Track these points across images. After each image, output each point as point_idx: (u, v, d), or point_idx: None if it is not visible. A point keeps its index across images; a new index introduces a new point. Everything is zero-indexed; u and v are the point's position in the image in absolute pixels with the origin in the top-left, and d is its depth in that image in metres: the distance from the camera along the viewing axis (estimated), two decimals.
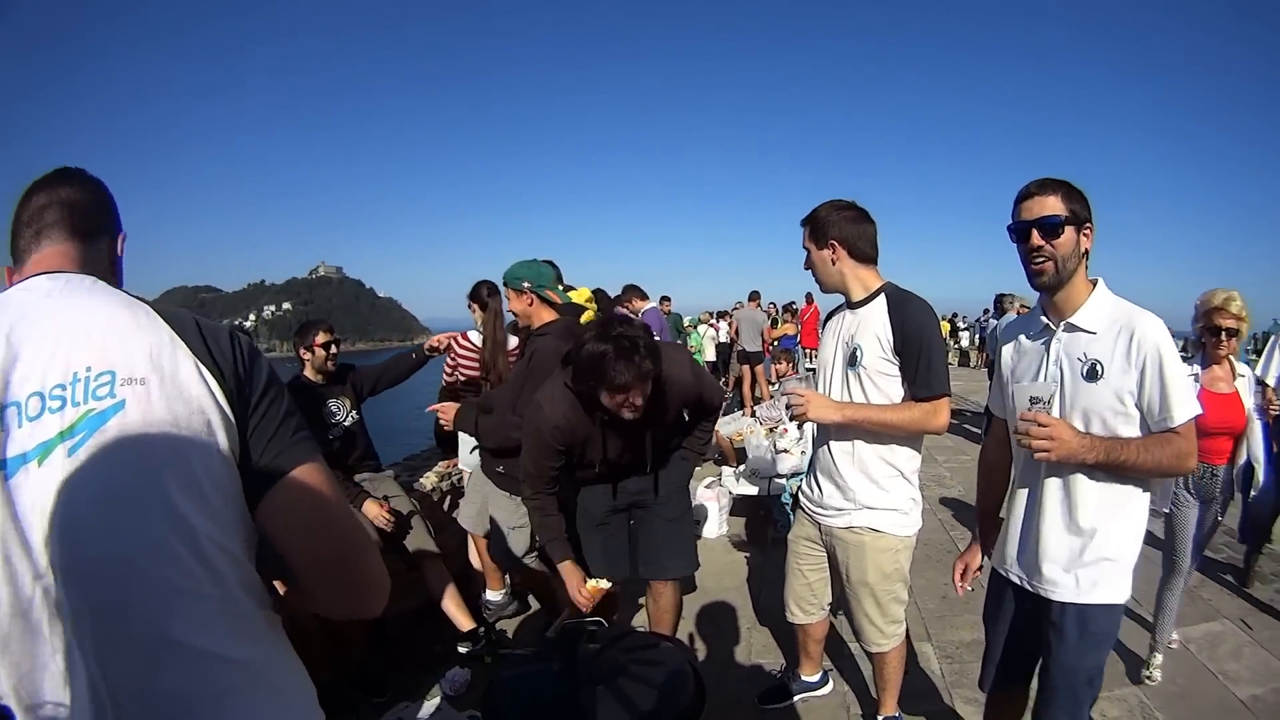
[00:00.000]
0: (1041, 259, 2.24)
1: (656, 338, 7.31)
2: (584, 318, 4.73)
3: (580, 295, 5.44)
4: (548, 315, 3.89)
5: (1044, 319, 2.37)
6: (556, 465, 3.14)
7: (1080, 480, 2.27)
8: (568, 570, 3.22)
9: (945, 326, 26.40)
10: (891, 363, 2.87)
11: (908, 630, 3.29)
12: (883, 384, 2.89)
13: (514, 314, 4.03)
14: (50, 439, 1.06)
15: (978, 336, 23.68)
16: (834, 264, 2.98)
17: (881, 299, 2.93)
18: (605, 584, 3.19)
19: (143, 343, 1.13)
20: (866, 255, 2.98)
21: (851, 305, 3.02)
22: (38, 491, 1.04)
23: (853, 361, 2.93)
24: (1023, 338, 2.48)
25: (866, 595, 3.08)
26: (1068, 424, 2.20)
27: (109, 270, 1.36)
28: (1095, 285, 2.31)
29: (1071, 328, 2.28)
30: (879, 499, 2.98)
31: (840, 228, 2.95)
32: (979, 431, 10.86)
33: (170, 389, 1.11)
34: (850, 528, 3.03)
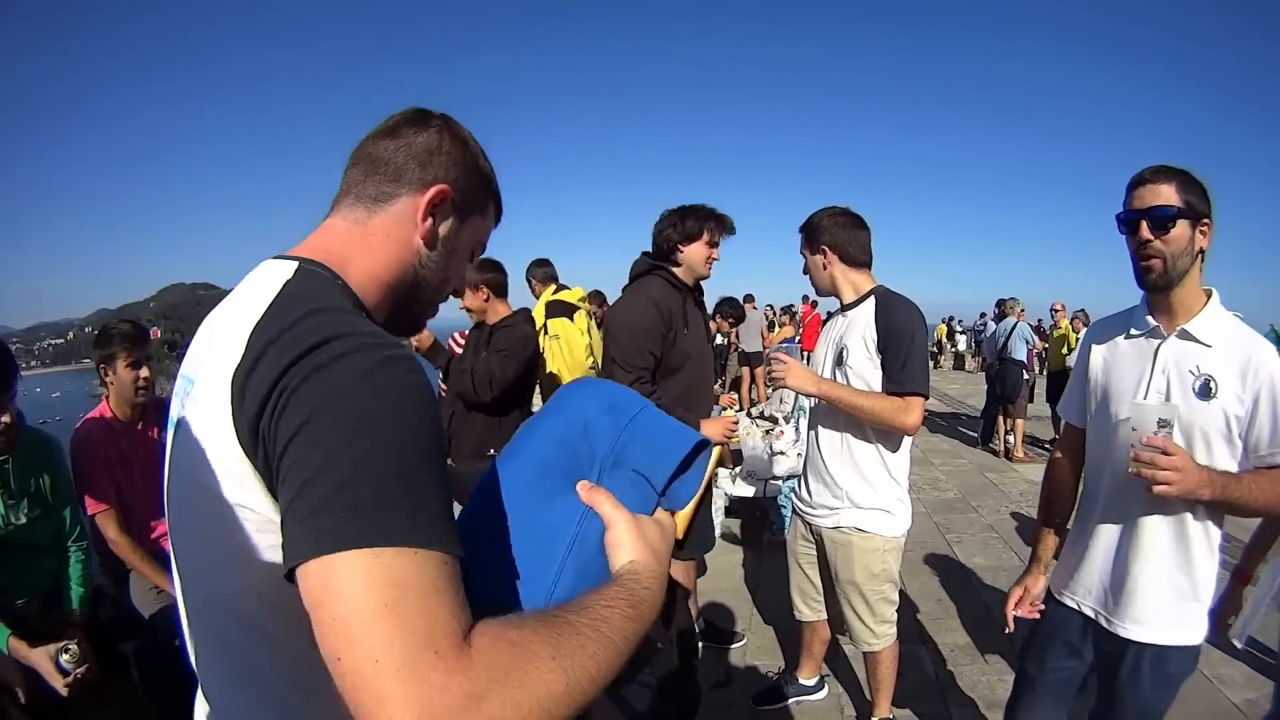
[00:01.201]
0: (1149, 254, 2.00)
1: None
2: (578, 316, 4.83)
3: (574, 295, 5.47)
4: (503, 309, 4.09)
5: (1152, 322, 2.12)
6: (657, 351, 3.27)
7: (1189, 517, 2.05)
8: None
9: (942, 330, 26.45)
10: (875, 362, 2.92)
11: (902, 633, 3.29)
12: (870, 382, 2.92)
13: (468, 310, 4.16)
14: (172, 422, 1.05)
15: (975, 341, 23.72)
16: (825, 268, 3.06)
17: (870, 301, 2.98)
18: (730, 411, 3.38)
19: (217, 355, 0.94)
20: (858, 260, 3.05)
21: (844, 308, 3.08)
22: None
23: (840, 361, 3.00)
24: (1120, 340, 2.23)
25: (855, 594, 3.10)
26: (1188, 454, 1.92)
27: (400, 226, 1.13)
28: (1211, 295, 2.07)
29: (1186, 335, 2.04)
30: (866, 498, 3.00)
31: (832, 234, 3.02)
32: (975, 435, 10.89)
33: (202, 416, 0.93)
34: (838, 527, 3.06)
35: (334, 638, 0.73)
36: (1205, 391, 1.99)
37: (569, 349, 5.71)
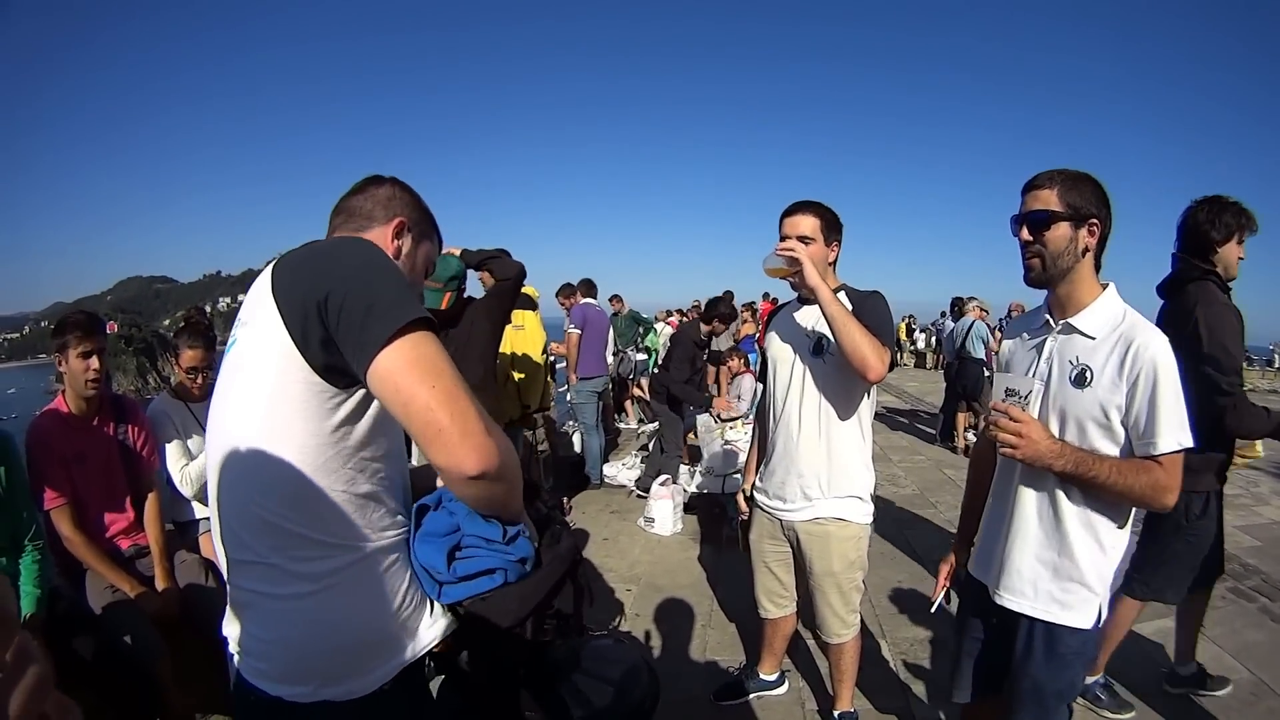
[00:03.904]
0: (1029, 254, 2.17)
1: (577, 331, 7.47)
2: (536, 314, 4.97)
3: (531, 291, 5.58)
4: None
5: (1046, 316, 2.27)
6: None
7: (1060, 493, 2.16)
8: None
9: (901, 328, 26.57)
10: None
11: (862, 627, 3.33)
12: (847, 373, 2.89)
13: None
14: (227, 350, 1.49)
15: (934, 339, 23.86)
16: (830, 262, 3.06)
17: (840, 295, 2.99)
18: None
19: (256, 295, 1.42)
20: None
21: (810, 300, 3.05)
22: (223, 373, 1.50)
23: (819, 350, 3.00)
24: (1025, 333, 2.37)
25: (831, 586, 3.13)
26: (1042, 426, 2.10)
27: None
28: (1105, 289, 2.18)
29: (1069, 329, 2.17)
30: (843, 487, 3.05)
31: (841, 230, 3.08)
32: (933, 432, 10.97)
33: (256, 326, 1.38)
34: (815, 519, 3.08)
35: (400, 403, 1.28)
36: (1080, 380, 2.11)
37: (531, 340, 5.74)
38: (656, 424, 7.81)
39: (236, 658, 1.49)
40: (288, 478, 1.36)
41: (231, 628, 1.52)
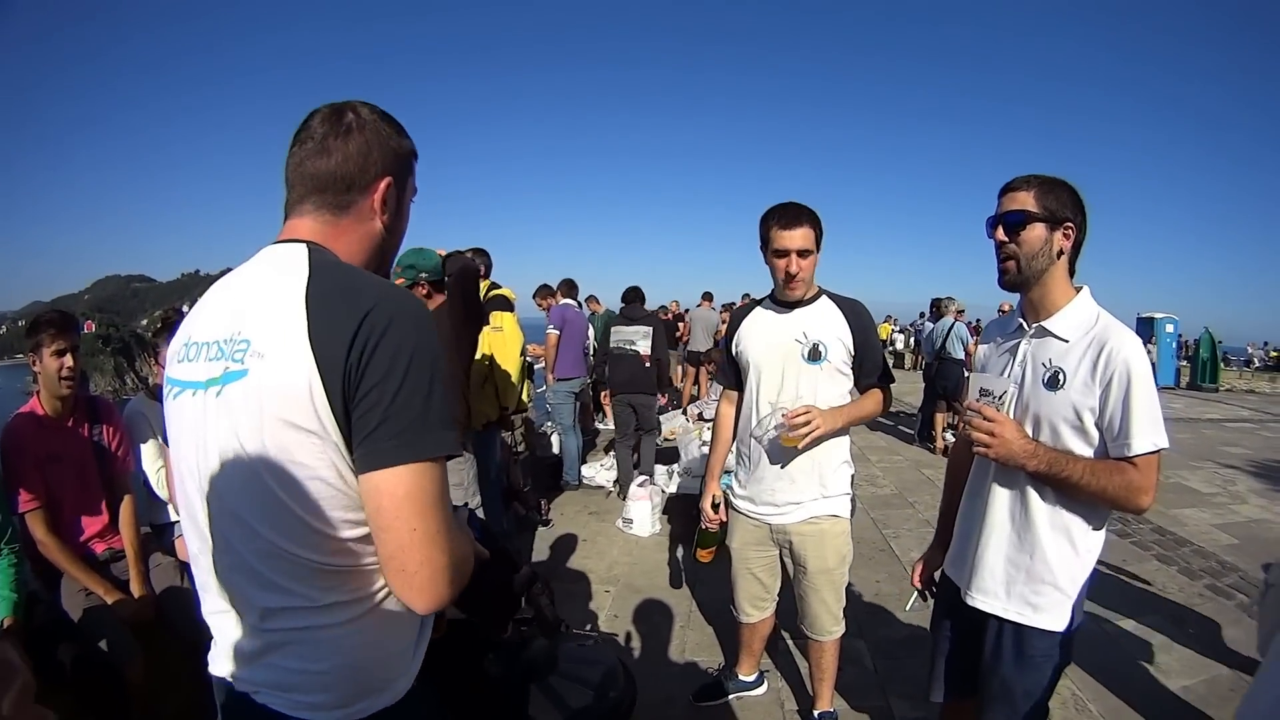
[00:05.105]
0: (1004, 256, 2.16)
1: (555, 331, 7.41)
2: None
3: (508, 293, 5.50)
4: (440, 299, 3.98)
5: (1020, 319, 2.26)
6: None
7: (1032, 494, 2.15)
8: None
9: (886, 329, 26.59)
10: (849, 360, 3.03)
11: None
12: (840, 381, 3.04)
13: None
14: (203, 380, 1.31)
15: (913, 340, 23.96)
16: (815, 265, 3.06)
17: (825, 300, 3.05)
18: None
19: (277, 319, 1.25)
20: None
21: (791, 304, 3.09)
22: (194, 414, 1.33)
23: (815, 357, 3.00)
24: (999, 337, 2.39)
25: (825, 583, 3.17)
26: (1016, 425, 2.10)
27: (364, 221, 1.46)
28: (1079, 292, 2.18)
29: (1043, 332, 2.16)
30: (834, 485, 3.10)
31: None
32: (912, 433, 11.03)
33: (280, 366, 1.22)
34: (810, 519, 3.11)
35: (381, 525, 1.22)
36: (1053, 383, 2.10)
37: (508, 341, 5.74)
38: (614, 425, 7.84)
39: (270, 697, 1.36)
40: (324, 526, 1.28)
41: (253, 670, 1.39)
